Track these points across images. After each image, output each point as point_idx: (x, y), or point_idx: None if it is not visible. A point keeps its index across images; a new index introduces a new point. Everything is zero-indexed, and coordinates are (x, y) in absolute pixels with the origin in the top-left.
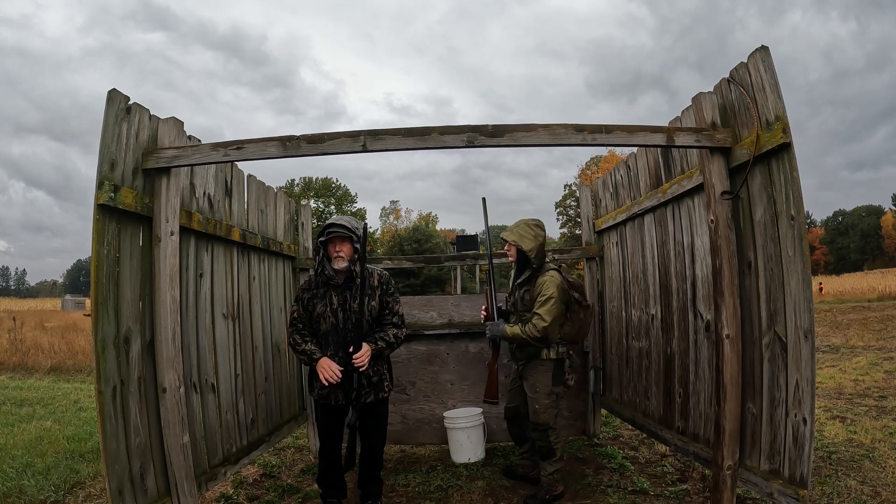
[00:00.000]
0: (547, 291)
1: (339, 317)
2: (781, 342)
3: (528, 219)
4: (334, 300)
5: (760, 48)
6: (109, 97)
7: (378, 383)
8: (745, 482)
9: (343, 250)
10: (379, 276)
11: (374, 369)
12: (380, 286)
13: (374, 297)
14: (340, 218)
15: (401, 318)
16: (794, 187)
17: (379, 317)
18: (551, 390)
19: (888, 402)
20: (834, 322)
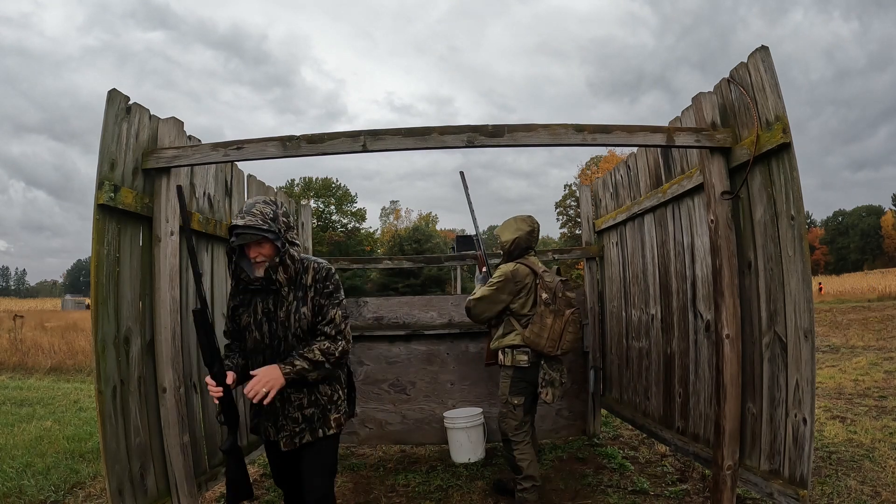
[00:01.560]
0: (494, 276)
1: (263, 330)
2: (781, 342)
3: (518, 217)
4: (258, 309)
5: (760, 48)
6: (109, 97)
7: (315, 418)
8: (745, 482)
9: (261, 253)
10: (315, 272)
11: (308, 398)
12: (313, 285)
13: (304, 301)
14: (250, 208)
15: (337, 328)
16: (794, 187)
17: (312, 326)
18: (507, 399)
19: (888, 402)
20: (834, 322)
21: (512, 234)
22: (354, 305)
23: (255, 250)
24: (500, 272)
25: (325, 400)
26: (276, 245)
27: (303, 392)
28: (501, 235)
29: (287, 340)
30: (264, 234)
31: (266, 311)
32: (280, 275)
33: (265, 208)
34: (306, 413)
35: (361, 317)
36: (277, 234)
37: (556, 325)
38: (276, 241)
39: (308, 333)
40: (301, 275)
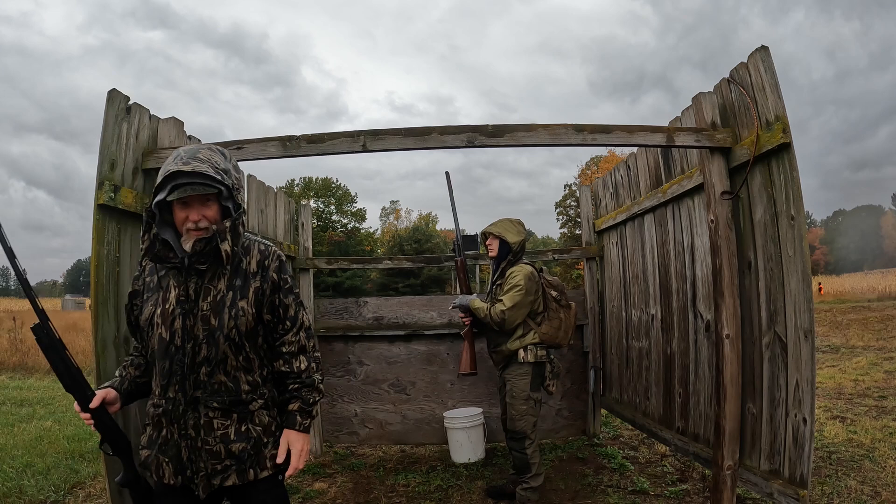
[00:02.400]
0: (513, 280)
1: (174, 327)
2: (781, 342)
3: (511, 217)
4: (170, 296)
5: (760, 48)
6: (109, 97)
7: (245, 455)
8: (745, 482)
9: (206, 216)
10: (262, 257)
11: (237, 427)
12: (261, 272)
13: (245, 291)
14: (194, 153)
15: (308, 333)
16: (794, 187)
17: (266, 331)
18: (529, 395)
19: (888, 402)
20: (834, 322)
21: (517, 236)
22: (354, 305)
23: (198, 211)
24: (521, 275)
25: (260, 431)
26: (227, 206)
27: (230, 418)
28: (506, 236)
29: (210, 345)
30: (216, 186)
31: (181, 300)
32: (226, 246)
33: (214, 155)
34: (233, 448)
35: (361, 317)
36: (230, 192)
37: (567, 318)
38: (226, 202)
39: (247, 339)
40: (241, 257)
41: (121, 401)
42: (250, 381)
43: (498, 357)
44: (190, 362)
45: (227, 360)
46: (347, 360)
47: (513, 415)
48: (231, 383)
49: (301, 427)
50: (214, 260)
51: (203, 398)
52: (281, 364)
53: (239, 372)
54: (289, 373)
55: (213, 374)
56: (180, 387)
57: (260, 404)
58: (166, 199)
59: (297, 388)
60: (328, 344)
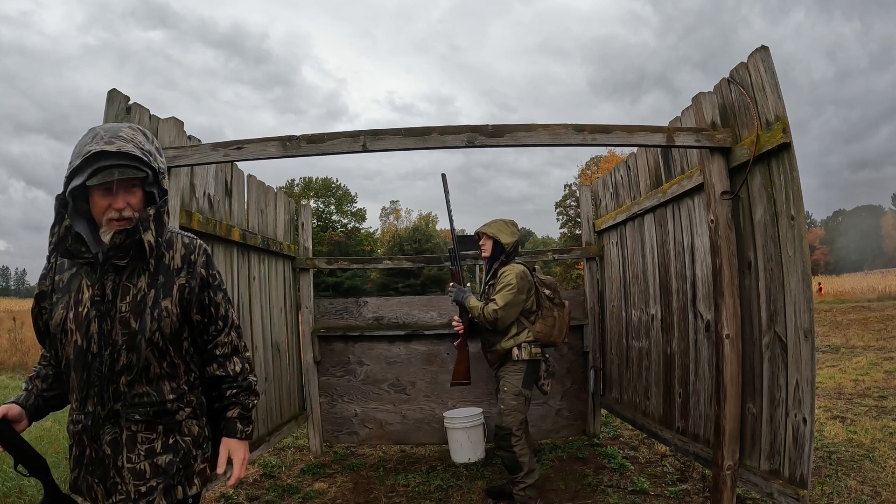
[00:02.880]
0: (505, 279)
1: (90, 331)
2: (781, 342)
3: (504, 218)
4: (83, 297)
5: (760, 48)
6: (109, 97)
7: (174, 470)
8: (745, 482)
9: (130, 204)
10: (186, 251)
11: (164, 440)
12: (186, 267)
13: (169, 290)
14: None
15: (239, 333)
16: (794, 187)
17: (194, 333)
18: (520, 391)
19: (888, 402)
20: (834, 322)
21: (510, 237)
22: (354, 305)
23: (123, 198)
24: (512, 274)
25: (190, 442)
26: (151, 193)
27: (155, 431)
28: (499, 237)
29: (130, 351)
30: (144, 170)
31: (97, 301)
32: (150, 237)
33: (137, 135)
34: (159, 462)
35: (361, 317)
36: (156, 176)
37: (561, 317)
38: (150, 187)
39: (171, 343)
40: (163, 251)
41: (27, 417)
42: (175, 389)
43: (493, 357)
44: (108, 371)
45: (149, 367)
46: (347, 360)
47: (501, 409)
48: (154, 392)
49: (243, 434)
50: (136, 254)
51: (124, 411)
52: (215, 368)
53: (163, 380)
54: (224, 377)
55: (133, 383)
56: (98, 399)
57: (187, 413)
58: (85, 183)
59: (236, 392)
60: (328, 344)
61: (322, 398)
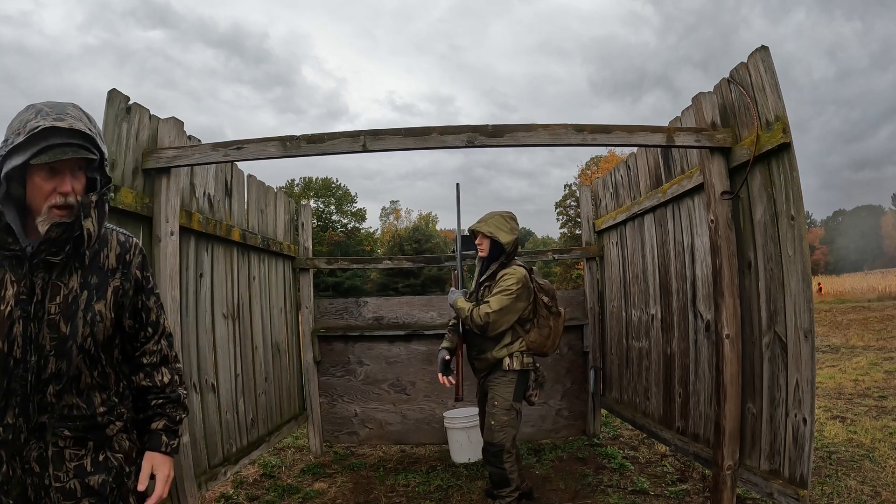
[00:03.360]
0: (505, 283)
1: (13, 334)
2: (781, 342)
3: (501, 211)
4: (6, 295)
5: (760, 48)
6: (109, 97)
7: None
8: (745, 482)
9: (75, 188)
10: (122, 249)
11: (94, 456)
12: (122, 268)
13: (103, 292)
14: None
15: (170, 341)
16: (794, 187)
17: (125, 339)
18: (511, 405)
19: (888, 402)
20: (834, 322)
21: (510, 234)
22: (354, 305)
23: (69, 181)
24: (514, 279)
25: (122, 459)
26: (94, 179)
27: (85, 447)
28: (498, 235)
29: (60, 358)
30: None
31: (23, 300)
32: (90, 224)
33: (83, 116)
34: (91, 482)
35: (361, 317)
36: (102, 160)
37: (556, 326)
38: (93, 173)
39: (103, 351)
40: (99, 248)
41: None
42: (106, 401)
43: (481, 364)
44: (34, 380)
45: (80, 376)
46: (347, 360)
47: (492, 425)
48: (84, 405)
49: (168, 448)
50: (71, 250)
51: (51, 424)
52: (141, 378)
53: (93, 391)
54: (150, 387)
55: (62, 394)
56: (21, 410)
57: (119, 427)
58: (29, 162)
59: (162, 403)
60: (328, 344)
61: (322, 398)
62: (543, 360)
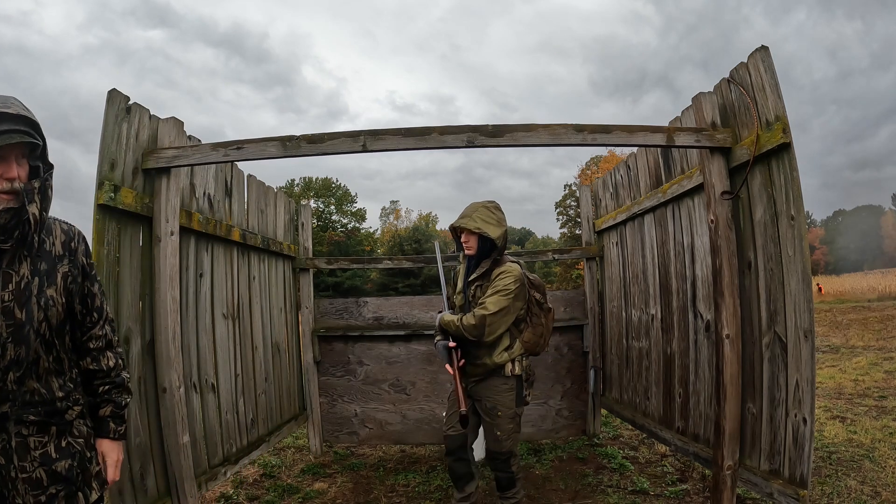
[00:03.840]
0: (502, 282)
1: None
2: (781, 342)
3: (485, 201)
4: None
5: (760, 48)
6: (109, 97)
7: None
8: (745, 482)
9: (20, 175)
10: (66, 234)
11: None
12: (68, 254)
13: (53, 278)
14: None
15: (113, 327)
16: (794, 187)
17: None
18: (515, 412)
19: (888, 402)
20: (834, 322)
21: (499, 226)
22: (354, 305)
23: (15, 167)
24: (510, 278)
25: (83, 444)
26: (38, 166)
27: (48, 433)
28: (486, 230)
29: (18, 344)
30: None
31: None
32: (35, 209)
33: (25, 106)
34: (57, 468)
35: (361, 317)
36: (45, 148)
37: (547, 323)
38: (35, 161)
39: (57, 336)
40: (45, 236)
41: None
42: (63, 386)
43: (477, 370)
44: None
45: (38, 361)
46: (347, 360)
47: (498, 435)
48: (44, 389)
49: (116, 434)
50: (21, 237)
51: (13, 412)
52: (89, 362)
53: (51, 375)
54: (97, 371)
55: (23, 379)
56: None
57: (77, 412)
58: None
59: (108, 389)
60: (328, 344)
61: (322, 398)
62: (544, 361)
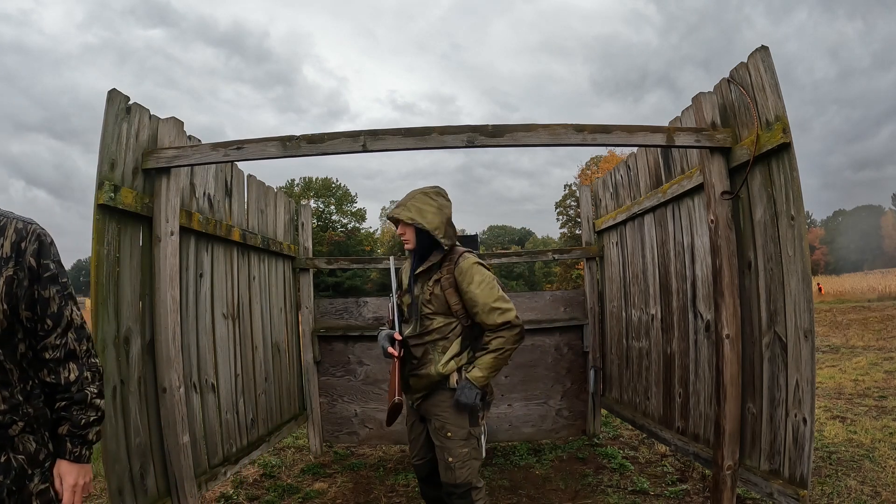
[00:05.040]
0: (479, 275)
1: None
2: (781, 342)
3: (426, 187)
4: None
5: (760, 48)
6: (109, 97)
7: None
8: (745, 482)
9: None
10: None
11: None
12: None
13: None
14: None
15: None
16: (794, 187)
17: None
18: (469, 433)
19: (888, 402)
20: (834, 322)
21: (437, 214)
22: (354, 305)
23: None
24: (479, 269)
25: (24, 461)
26: None
27: None
28: (422, 221)
29: None
30: None
31: None
32: None
33: None
34: None
35: (361, 317)
36: None
37: None
38: None
39: (2, 346)
40: None
41: None
42: (7, 399)
43: (420, 383)
44: None
45: None
46: (347, 360)
47: (450, 462)
48: None
49: (72, 456)
50: None
51: None
52: (46, 374)
53: None
54: (55, 385)
55: None
56: None
57: (21, 427)
58: None
59: (66, 406)
60: (328, 344)
61: (322, 398)
62: (544, 361)
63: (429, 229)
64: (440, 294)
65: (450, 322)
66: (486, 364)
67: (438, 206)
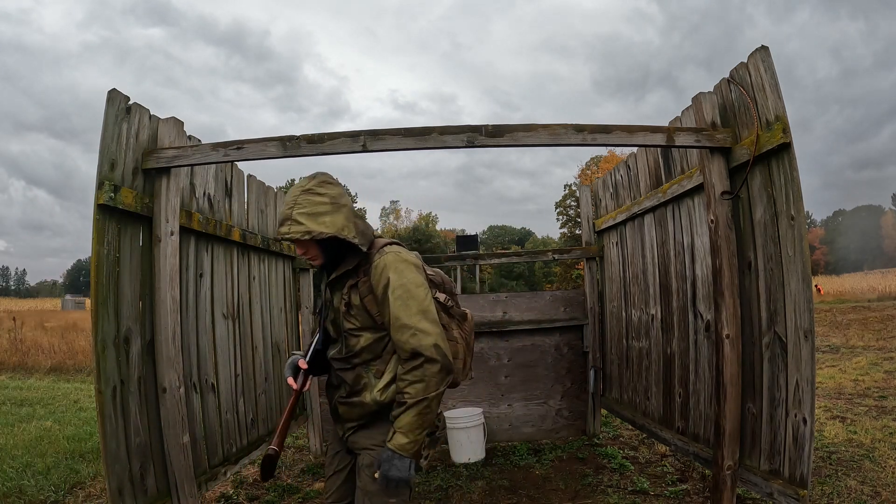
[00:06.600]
0: (396, 275)
1: None
2: (781, 342)
3: (304, 182)
4: None
5: (760, 48)
6: (109, 97)
7: None
8: (745, 482)
9: None
10: None
11: None
12: None
13: None
14: None
15: None
16: (794, 187)
17: None
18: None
19: (888, 402)
20: (834, 322)
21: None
22: None
23: None
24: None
25: None
26: None
27: None
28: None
29: None
30: None
31: None
32: None
33: None
34: None
35: None
36: None
37: (464, 337)
38: None
39: None
40: None
41: None
42: None
43: (353, 412)
44: None
45: None
46: None
47: None
48: None
49: None
50: None
51: None
52: None
53: None
54: None
55: None
56: None
57: None
58: None
59: None
60: None
61: (322, 398)
62: (544, 361)
63: (333, 233)
64: (359, 304)
65: (380, 337)
66: (407, 426)
67: (332, 200)
